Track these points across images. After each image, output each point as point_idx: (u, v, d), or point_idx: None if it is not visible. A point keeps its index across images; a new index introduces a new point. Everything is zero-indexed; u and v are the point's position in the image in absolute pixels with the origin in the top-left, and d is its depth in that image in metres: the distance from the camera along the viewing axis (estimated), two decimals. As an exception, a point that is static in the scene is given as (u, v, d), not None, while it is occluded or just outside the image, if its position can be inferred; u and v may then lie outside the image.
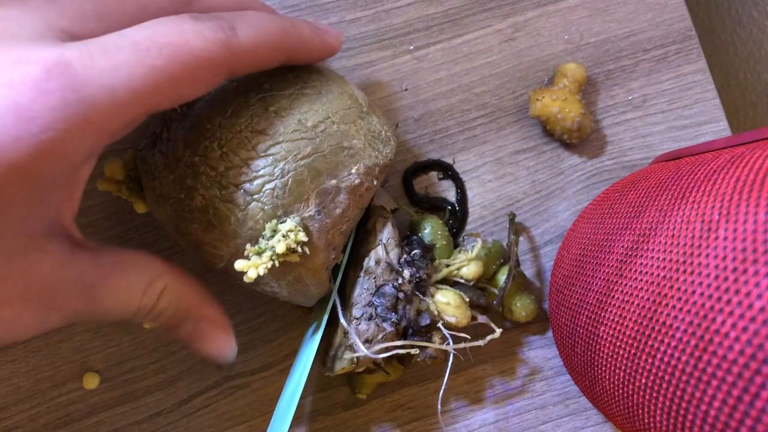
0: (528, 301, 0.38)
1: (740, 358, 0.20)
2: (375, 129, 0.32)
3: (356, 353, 0.32)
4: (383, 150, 0.31)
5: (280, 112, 0.29)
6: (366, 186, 0.30)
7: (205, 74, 0.26)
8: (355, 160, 0.30)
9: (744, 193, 0.22)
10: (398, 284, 0.34)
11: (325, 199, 0.29)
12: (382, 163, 0.31)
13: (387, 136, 0.32)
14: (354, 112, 0.31)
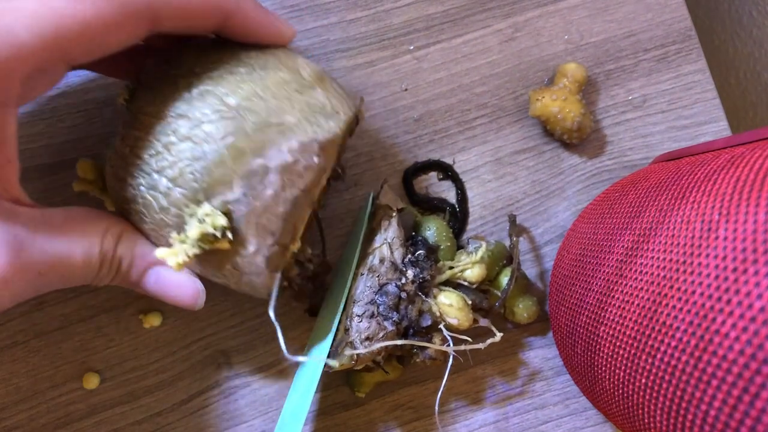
0: (530, 303, 0.38)
1: (740, 358, 0.20)
2: (317, 102, 0.29)
3: (356, 350, 0.32)
4: (325, 124, 0.29)
5: (204, 94, 0.28)
6: (304, 164, 0.28)
7: (122, 20, 0.26)
8: (287, 137, 0.27)
9: (744, 193, 0.22)
10: (401, 284, 0.34)
11: (252, 180, 0.27)
12: (323, 138, 0.28)
13: (333, 110, 0.29)
14: (291, 86, 0.29)
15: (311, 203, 0.29)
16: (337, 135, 0.29)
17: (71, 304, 0.37)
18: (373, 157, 0.39)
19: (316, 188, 0.29)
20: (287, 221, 0.28)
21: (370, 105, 0.40)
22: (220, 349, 0.38)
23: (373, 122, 0.39)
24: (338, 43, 0.39)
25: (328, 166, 0.29)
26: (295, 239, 0.29)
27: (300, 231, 0.30)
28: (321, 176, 0.29)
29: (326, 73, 0.31)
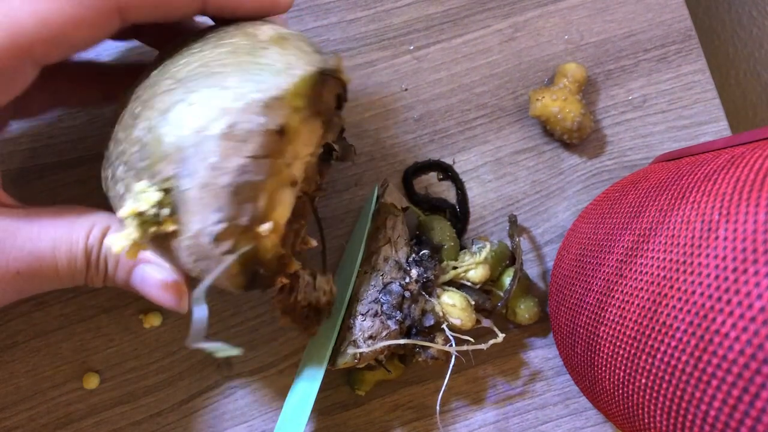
0: (531, 304, 0.38)
1: (740, 358, 0.20)
2: (266, 61, 0.26)
3: (359, 349, 0.32)
4: (271, 80, 0.25)
5: (159, 75, 0.26)
6: (246, 127, 0.24)
7: (85, 13, 0.25)
8: (232, 100, 0.25)
9: (744, 193, 0.22)
10: (405, 283, 0.34)
11: (189, 151, 0.24)
12: (265, 96, 0.25)
13: (285, 66, 0.26)
14: (242, 51, 0.26)
15: (288, 178, 0.26)
16: (287, 91, 0.25)
17: (71, 304, 0.37)
18: (373, 157, 0.39)
19: (280, 157, 0.26)
20: (238, 195, 0.24)
21: (370, 105, 0.40)
22: (220, 349, 0.38)
23: (373, 122, 0.39)
24: (338, 43, 0.39)
25: (290, 130, 0.26)
26: (261, 218, 0.25)
27: (274, 210, 0.26)
28: (280, 143, 0.25)
29: (295, 35, 0.28)
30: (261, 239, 0.26)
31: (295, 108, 0.25)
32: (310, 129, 0.27)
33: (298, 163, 0.26)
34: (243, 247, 0.25)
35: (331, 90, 0.28)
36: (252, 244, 0.25)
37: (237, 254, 0.25)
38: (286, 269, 0.28)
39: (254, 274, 0.26)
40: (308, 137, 0.27)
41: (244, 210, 0.25)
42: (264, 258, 0.26)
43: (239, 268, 0.26)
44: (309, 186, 0.28)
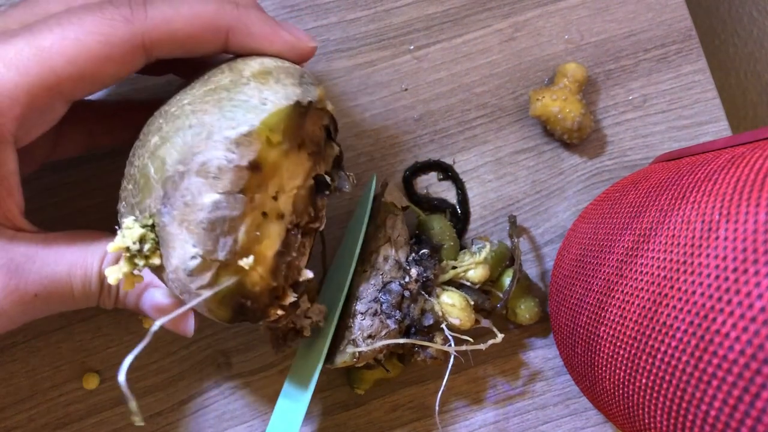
0: (532, 304, 0.38)
1: (740, 359, 0.20)
2: (242, 97, 0.26)
3: (358, 348, 0.32)
4: (243, 118, 0.25)
5: (160, 111, 0.28)
6: (217, 163, 0.25)
7: (110, 52, 0.26)
8: (204, 139, 0.25)
9: (744, 193, 0.22)
10: (405, 282, 0.34)
11: (169, 187, 0.25)
12: (235, 133, 0.25)
13: (259, 102, 0.26)
14: (224, 88, 0.27)
15: (273, 212, 0.27)
16: (258, 126, 0.25)
17: (71, 304, 0.37)
18: (373, 157, 0.39)
19: (260, 192, 0.26)
20: (214, 230, 0.25)
21: (370, 105, 0.40)
22: (220, 349, 0.38)
23: (373, 122, 0.39)
24: (338, 43, 0.39)
25: (267, 165, 0.26)
26: (242, 252, 0.26)
27: (259, 243, 0.27)
28: (257, 177, 0.26)
29: (283, 67, 0.28)
30: (246, 272, 0.26)
31: (269, 142, 0.26)
32: (295, 162, 0.27)
33: (285, 197, 0.27)
34: (225, 280, 0.26)
35: (314, 121, 0.28)
36: (235, 277, 0.26)
37: (213, 289, 0.26)
38: (280, 301, 0.28)
39: (240, 306, 0.27)
40: (293, 170, 0.27)
41: (221, 245, 0.25)
42: (250, 291, 0.27)
43: (222, 301, 0.26)
44: (301, 218, 0.28)
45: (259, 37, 0.29)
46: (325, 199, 0.29)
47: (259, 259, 0.26)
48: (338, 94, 0.39)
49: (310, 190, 0.28)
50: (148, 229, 0.26)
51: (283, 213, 0.27)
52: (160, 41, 0.27)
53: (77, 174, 0.38)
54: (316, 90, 0.28)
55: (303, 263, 0.29)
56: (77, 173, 0.38)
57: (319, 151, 0.28)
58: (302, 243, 0.28)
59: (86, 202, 0.37)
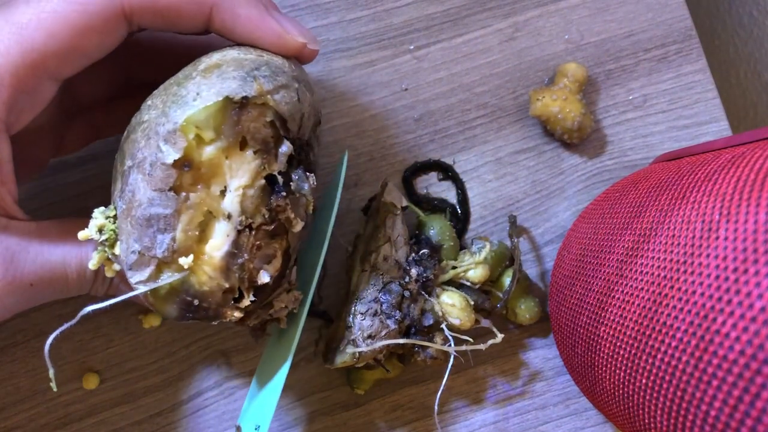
0: (532, 304, 0.38)
1: (741, 359, 0.20)
2: (181, 92, 0.26)
3: (358, 348, 0.32)
4: (174, 114, 0.25)
5: None
6: (150, 160, 0.25)
7: (92, 22, 0.25)
8: (147, 134, 0.25)
9: (744, 193, 0.22)
10: (405, 282, 0.34)
11: (119, 183, 0.26)
12: (164, 131, 0.25)
13: (192, 97, 0.25)
14: (177, 79, 0.27)
15: (218, 211, 0.26)
16: (180, 125, 0.25)
17: (71, 304, 0.37)
18: (373, 157, 0.39)
19: (196, 190, 0.26)
20: (150, 226, 0.25)
21: (370, 105, 0.40)
22: (220, 349, 0.38)
23: (373, 122, 0.39)
24: (338, 43, 0.39)
25: (198, 162, 0.25)
26: (182, 251, 0.26)
27: (203, 243, 0.26)
28: (192, 175, 0.25)
29: (237, 60, 0.27)
30: (193, 271, 0.26)
31: (200, 139, 0.25)
32: (238, 160, 0.26)
33: (231, 196, 0.26)
34: (165, 277, 0.26)
35: (255, 118, 0.26)
36: (176, 274, 0.26)
37: (149, 285, 0.26)
38: (237, 303, 0.27)
39: (187, 305, 0.26)
40: (237, 169, 0.26)
41: (158, 242, 0.25)
42: (198, 290, 0.26)
43: (165, 298, 0.26)
44: (253, 219, 0.27)
45: (244, 20, 0.28)
46: (284, 199, 0.28)
47: (206, 259, 0.26)
48: (338, 94, 0.39)
49: (263, 191, 0.27)
50: (110, 221, 0.26)
51: (230, 213, 0.26)
52: (141, 9, 0.26)
53: (77, 174, 0.38)
54: (254, 84, 0.26)
55: (274, 265, 0.28)
56: (77, 173, 0.38)
57: (267, 149, 0.27)
58: (256, 245, 0.27)
59: (86, 202, 0.37)
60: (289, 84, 0.27)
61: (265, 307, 0.29)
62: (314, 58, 0.31)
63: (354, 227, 0.39)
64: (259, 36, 0.28)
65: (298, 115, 0.28)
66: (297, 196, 0.28)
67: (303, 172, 0.29)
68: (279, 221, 0.28)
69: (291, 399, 0.38)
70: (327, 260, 0.38)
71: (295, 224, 0.28)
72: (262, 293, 0.28)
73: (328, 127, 0.39)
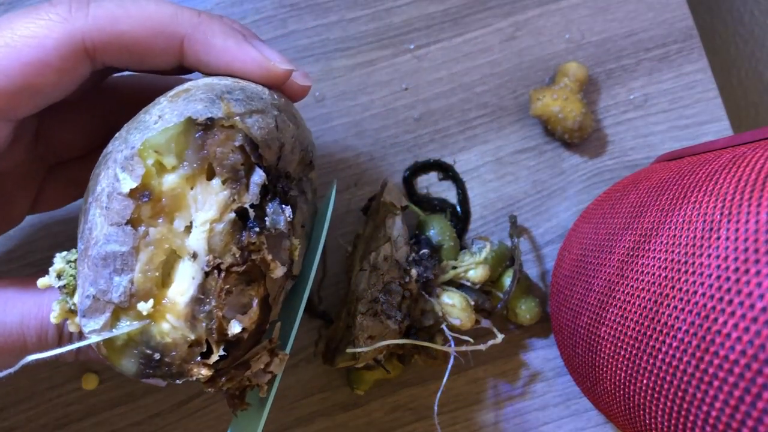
0: (533, 304, 0.38)
1: (742, 359, 0.20)
2: (145, 116, 0.24)
3: (358, 348, 0.32)
4: (133, 138, 0.23)
5: None
6: (107, 191, 0.23)
7: (48, 58, 0.23)
8: (107, 164, 0.23)
9: (746, 193, 0.22)
10: (405, 282, 0.34)
11: (83, 221, 0.23)
12: (121, 158, 0.23)
13: (154, 120, 0.23)
14: (145, 108, 0.24)
15: (182, 250, 0.23)
16: (137, 149, 0.22)
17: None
18: (373, 157, 0.39)
19: (156, 224, 0.23)
20: (107, 267, 0.22)
21: (370, 104, 0.39)
22: (220, 350, 0.38)
23: (373, 122, 0.39)
24: (338, 42, 0.39)
25: (158, 192, 0.23)
26: (141, 295, 0.23)
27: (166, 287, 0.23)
28: (150, 207, 0.23)
29: (211, 86, 0.24)
30: (155, 320, 0.23)
31: (160, 166, 0.23)
32: (204, 191, 0.23)
33: (197, 232, 0.23)
34: (122, 326, 0.23)
35: (222, 142, 0.23)
36: (134, 323, 0.23)
37: (102, 335, 0.22)
38: (204, 359, 0.24)
39: (147, 359, 0.23)
40: (204, 201, 0.23)
41: (114, 284, 0.22)
42: (159, 342, 0.23)
43: (122, 351, 0.23)
44: (222, 259, 0.23)
45: (220, 51, 0.25)
46: (257, 236, 0.24)
47: (169, 306, 0.23)
48: (338, 94, 0.39)
49: (233, 226, 0.24)
50: (71, 265, 0.24)
51: (195, 252, 0.23)
52: (105, 44, 0.24)
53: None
54: (221, 105, 0.23)
55: (249, 315, 0.24)
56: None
57: (237, 178, 0.24)
58: (226, 290, 0.24)
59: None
60: (266, 110, 0.25)
61: (240, 367, 0.25)
62: (305, 95, 0.28)
63: (354, 227, 0.39)
64: (238, 67, 0.26)
65: (276, 144, 0.25)
66: (273, 233, 0.25)
67: (279, 205, 0.25)
68: (253, 263, 0.24)
69: (290, 399, 0.38)
70: (327, 260, 0.38)
71: (273, 268, 0.24)
72: (235, 349, 0.24)
73: (328, 127, 0.39)
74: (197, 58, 0.25)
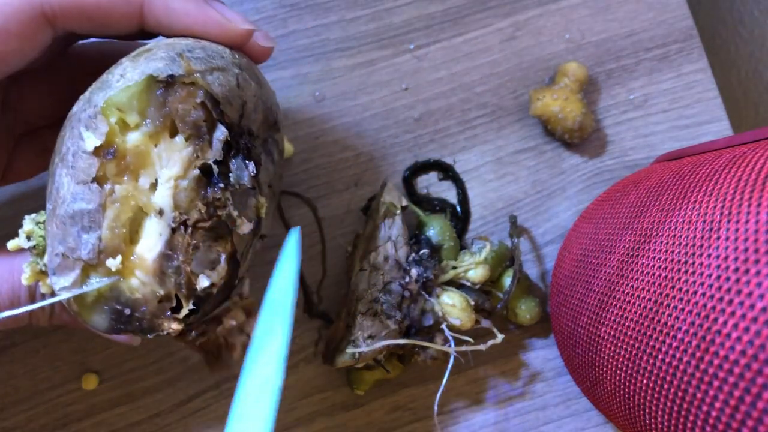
0: (533, 304, 0.38)
1: (742, 359, 0.20)
2: (107, 76, 0.24)
3: (358, 348, 0.32)
4: (95, 98, 0.23)
5: None
6: (73, 150, 0.23)
7: (8, 25, 0.23)
8: (71, 125, 0.24)
9: (746, 193, 0.22)
10: (405, 282, 0.34)
11: (51, 182, 0.24)
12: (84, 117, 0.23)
13: (117, 78, 0.24)
14: (108, 69, 0.25)
15: (148, 206, 0.24)
16: (100, 107, 0.23)
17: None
18: (373, 156, 0.39)
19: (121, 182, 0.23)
20: (74, 225, 0.23)
21: (370, 104, 0.39)
22: (220, 350, 0.38)
23: (373, 122, 0.39)
24: (338, 42, 0.39)
25: (122, 149, 0.23)
26: (109, 251, 0.23)
27: (134, 243, 0.24)
28: (115, 164, 0.23)
29: (171, 45, 0.25)
30: (123, 275, 0.23)
31: (124, 124, 0.23)
32: (168, 148, 0.24)
33: (163, 189, 0.24)
34: (92, 282, 0.23)
35: (183, 99, 0.24)
36: (104, 279, 0.23)
37: (73, 291, 0.23)
38: (175, 313, 0.24)
39: (118, 314, 0.24)
40: (167, 158, 0.24)
41: (83, 241, 0.23)
42: (129, 298, 0.24)
43: (92, 307, 0.23)
44: (189, 215, 0.24)
45: (180, 13, 0.25)
46: (222, 192, 0.24)
47: (137, 262, 0.24)
48: (338, 94, 0.39)
49: (198, 182, 0.24)
50: (40, 226, 0.24)
51: (161, 208, 0.24)
52: (64, 9, 0.24)
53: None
54: (182, 63, 0.24)
55: (218, 271, 0.25)
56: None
57: (200, 134, 0.24)
58: (193, 245, 0.24)
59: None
60: (227, 68, 0.25)
61: (212, 323, 0.26)
62: (268, 56, 0.28)
63: (354, 227, 0.39)
64: (199, 29, 0.26)
65: (238, 102, 0.25)
66: (238, 189, 0.25)
67: (242, 161, 0.25)
68: (219, 218, 0.25)
69: (291, 399, 0.38)
70: (327, 260, 0.38)
71: (240, 224, 0.25)
72: (205, 304, 0.25)
73: (328, 127, 0.39)
74: (158, 22, 0.25)
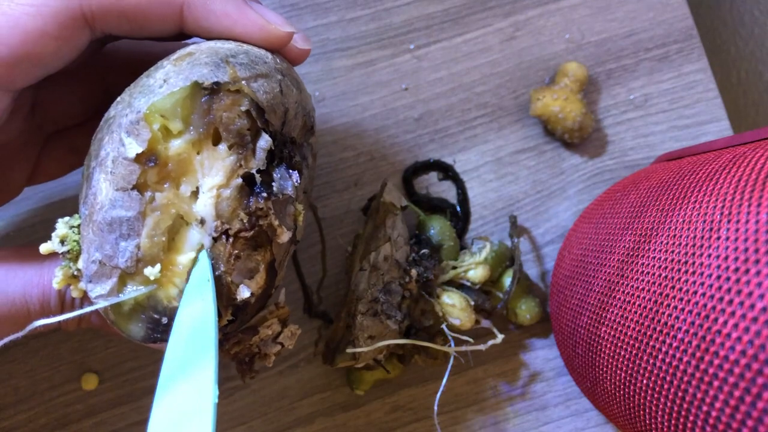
0: (533, 304, 0.38)
1: (742, 359, 0.20)
2: (149, 81, 0.24)
3: (358, 348, 0.32)
4: (137, 103, 0.23)
5: None
6: (113, 156, 0.22)
7: (47, 27, 0.23)
8: (111, 129, 0.23)
9: (746, 193, 0.22)
10: (405, 282, 0.34)
11: (86, 186, 0.23)
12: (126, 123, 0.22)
13: (160, 83, 0.23)
14: (148, 72, 0.24)
15: (189, 215, 0.23)
16: (143, 113, 0.22)
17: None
18: (373, 157, 0.39)
19: (162, 189, 0.23)
20: (113, 232, 0.22)
21: (370, 104, 0.39)
22: (220, 350, 0.38)
23: (373, 122, 0.39)
24: (338, 42, 0.39)
25: (164, 156, 0.23)
26: (148, 260, 0.23)
27: (174, 252, 0.23)
28: (156, 172, 0.23)
29: (214, 50, 0.24)
30: (162, 284, 0.23)
31: (167, 131, 0.23)
32: (211, 156, 0.23)
33: (205, 198, 0.23)
34: (129, 291, 0.23)
35: (228, 107, 0.23)
36: (142, 288, 0.23)
37: (110, 300, 0.22)
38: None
39: (155, 323, 0.23)
40: (210, 166, 0.23)
41: (121, 249, 0.22)
42: (167, 306, 0.23)
43: (129, 315, 0.23)
44: (230, 224, 0.24)
45: (220, 16, 0.25)
46: (265, 201, 0.24)
47: (177, 271, 0.23)
48: (338, 94, 0.39)
49: (240, 192, 0.24)
50: (74, 231, 0.24)
51: (203, 218, 0.23)
52: (103, 12, 0.23)
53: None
54: (227, 69, 0.23)
55: (256, 280, 0.24)
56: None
57: (244, 143, 0.24)
58: (235, 255, 0.24)
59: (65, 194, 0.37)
60: (270, 74, 0.25)
61: (248, 332, 0.26)
62: (305, 58, 0.28)
63: (354, 227, 0.39)
64: (240, 31, 0.25)
65: (281, 109, 0.25)
66: (280, 198, 0.24)
67: (285, 170, 0.25)
68: (260, 228, 0.24)
69: (290, 399, 0.38)
70: (327, 260, 0.38)
71: (280, 233, 0.25)
72: (242, 313, 0.25)
73: (328, 127, 0.39)
74: (197, 24, 0.25)
